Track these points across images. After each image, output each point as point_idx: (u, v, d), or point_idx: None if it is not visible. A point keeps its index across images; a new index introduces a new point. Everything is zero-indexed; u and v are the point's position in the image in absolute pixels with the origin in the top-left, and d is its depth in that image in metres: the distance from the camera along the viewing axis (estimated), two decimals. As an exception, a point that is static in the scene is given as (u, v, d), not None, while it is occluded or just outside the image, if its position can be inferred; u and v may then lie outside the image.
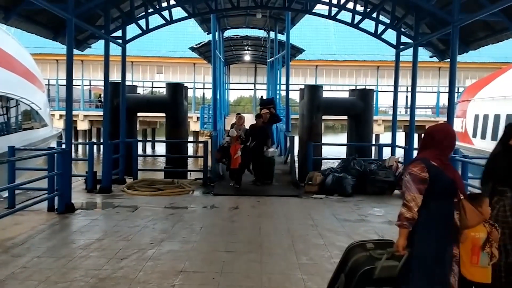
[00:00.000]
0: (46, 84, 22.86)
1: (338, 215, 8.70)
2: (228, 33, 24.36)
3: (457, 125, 17.95)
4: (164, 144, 16.41)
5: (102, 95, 40.87)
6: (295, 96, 28.58)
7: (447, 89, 9.53)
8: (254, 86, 43.28)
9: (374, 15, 11.91)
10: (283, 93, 21.74)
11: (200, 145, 16.31)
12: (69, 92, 8.79)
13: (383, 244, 3.75)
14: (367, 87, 33.72)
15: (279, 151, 17.04)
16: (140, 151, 29.51)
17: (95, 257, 5.91)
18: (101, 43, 12.21)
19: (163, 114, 15.51)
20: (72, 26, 8.50)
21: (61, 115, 33.03)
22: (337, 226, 7.82)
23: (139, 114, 16.99)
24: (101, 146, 12.24)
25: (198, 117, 32.94)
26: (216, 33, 17.26)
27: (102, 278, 5.13)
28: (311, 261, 5.95)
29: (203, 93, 43.05)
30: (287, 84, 17.46)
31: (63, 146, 9.07)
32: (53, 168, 8.64)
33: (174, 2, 11.73)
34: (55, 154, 8.66)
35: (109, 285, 4.98)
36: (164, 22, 11.96)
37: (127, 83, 13.07)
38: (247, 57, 33.60)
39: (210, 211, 9.02)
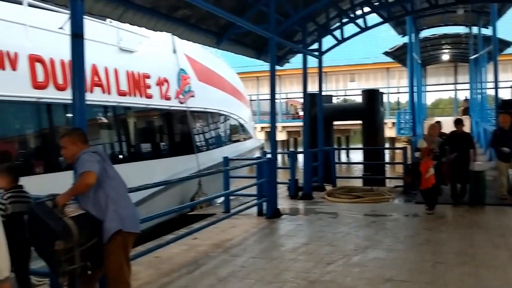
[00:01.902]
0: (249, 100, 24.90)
1: None
2: (424, 33, 23.24)
3: None
4: (359, 151, 16.41)
5: (298, 107, 42.80)
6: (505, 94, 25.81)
7: None
8: (455, 87, 40.31)
9: None
10: (490, 92, 19.81)
11: (398, 151, 15.84)
12: (272, 106, 9.46)
13: None
14: None
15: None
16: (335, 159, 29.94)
17: (303, 260, 6.21)
18: (296, 57, 12.91)
19: (357, 122, 15.53)
20: (274, 44, 9.16)
21: (262, 128, 35.59)
22: None
23: (334, 122, 17.31)
24: (298, 155, 12.83)
25: (393, 123, 32.07)
26: (412, 35, 16.67)
27: (312, 281, 5.36)
28: (537, 278, 5.29)
29: (398, 98, 41.75)
30: (496, 82, 15.85)
31: (269, 155, 9.76)
32: (261, 176, 9.35)
33: (369, 9, 11.73)
34: (263, 163, 9.37)
35: (318, 288, 5.19)
36: (359, 30, 12.06)
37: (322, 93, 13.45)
38: (445, 57, 31.50)
39: (413, 220, 8.69)
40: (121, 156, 10.08)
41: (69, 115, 8.15)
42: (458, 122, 9.93)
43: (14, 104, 7.55)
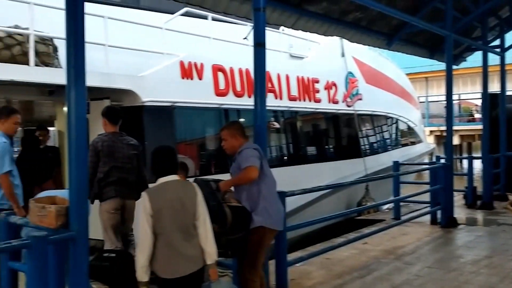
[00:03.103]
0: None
1: None
2: None
3: None
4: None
5: (472, 109, 39.50)
6: None
7: None
8: None
9: None
10: None
11: None
12: (449, 108, 8.93)
13: None
14: None
15: None
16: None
17: (486, 274, 5.74)
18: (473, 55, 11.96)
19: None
20: (451, 42, 8.64)
21: (430, 131, 33.65)
22: None
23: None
24: (474, 161, 11.79)
25: None
26: None
27: (498, 298, 4.93)
28: None
29: None
30: None
31: (443, 160, 9.21)
32: (435, 182, 8.84)
33: None
34: (437, 169, 8.85)
35: (507, 306, 4.75)
36: (551, 21, 10.74)
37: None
38: None
39: None
40: (290, 159, 10.44)
41: (242, 119, 8.76)
42: None
43: (200, 110, 8.36)
